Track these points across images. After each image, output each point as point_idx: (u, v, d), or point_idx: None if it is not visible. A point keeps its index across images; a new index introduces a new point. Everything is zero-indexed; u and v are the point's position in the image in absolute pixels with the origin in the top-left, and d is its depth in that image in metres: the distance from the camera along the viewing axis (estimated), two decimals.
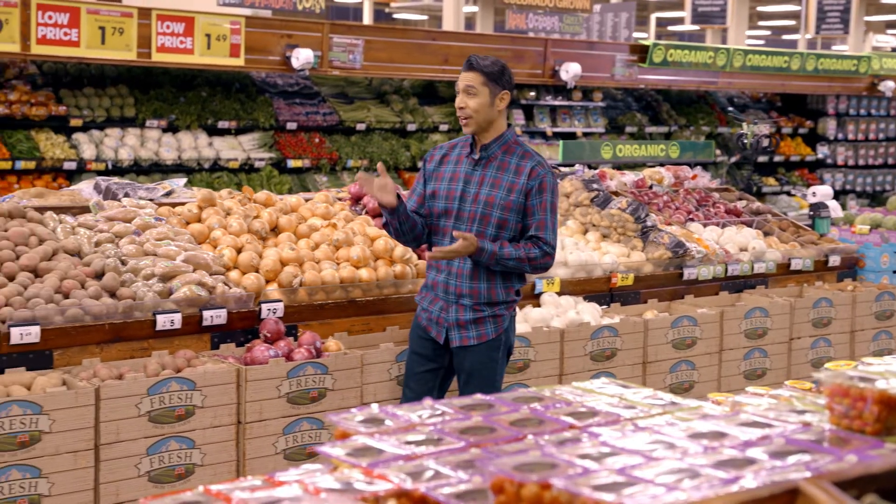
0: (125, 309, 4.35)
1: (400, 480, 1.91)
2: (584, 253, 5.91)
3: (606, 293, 5.94)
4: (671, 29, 31.63)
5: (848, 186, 13.81)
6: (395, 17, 29.49)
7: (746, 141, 9.54)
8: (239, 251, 4.93)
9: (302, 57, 9.16)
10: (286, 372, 4.43)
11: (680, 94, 13.07)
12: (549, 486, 1.79)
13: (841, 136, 13.79)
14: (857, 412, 2.04)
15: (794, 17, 28.09)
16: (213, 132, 9.76)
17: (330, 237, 5.19)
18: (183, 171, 9.31)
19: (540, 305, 5.58)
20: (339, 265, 5.07)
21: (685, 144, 7.70)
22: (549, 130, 11.75)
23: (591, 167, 7.88)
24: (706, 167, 10.98)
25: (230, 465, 4.32)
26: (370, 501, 1.90)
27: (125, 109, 9.26)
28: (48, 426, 3.81)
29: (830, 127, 13.71)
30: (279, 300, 4.76)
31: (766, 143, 10.14)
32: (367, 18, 24.72)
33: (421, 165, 4.47)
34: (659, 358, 5.73)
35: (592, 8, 12.68)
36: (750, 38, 28.97)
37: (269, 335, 4.62)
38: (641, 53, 11.51)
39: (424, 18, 30.27)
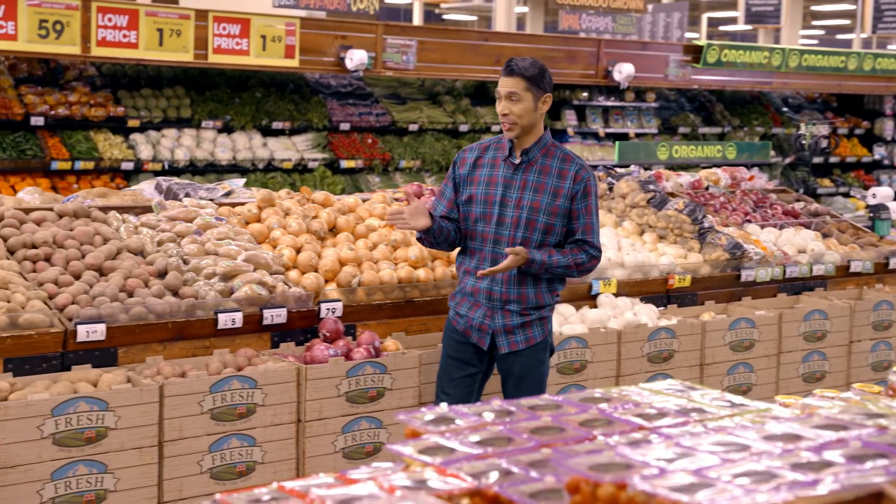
0: (187, 308, 4.40)
1: (473, 479, 1.92)
2: (640, 254, 5.88)
3: (663, 294, 5.91)
4: (723, 29, 31.35)
5: None
6: (444, 17, 29.53)
7: (804, 142, 9.43)
8: (298, 251, 4.97)
9: (356, 58, 9.21)
10: (345, 371, 4.46)
11: (734, 94, 12.95)
12: (625, 486, 1.79)
13: None
14: None
15: (848, 16, 27.72)
16: (267, 133, 9.84)
17: (388, 237, 5.21)
18: (237, 171, 9.40)
19: (597, 306, 5.56)
20: (396, 265, 5.10)
21: (742, 145, 7.63)
22: (601, 131, 11.71)
23: (645, 168, 7.84)
24: (761, 168, 10.87)
25: (290, 463, 4.36)
26: (444, 499, 1.90)
27: (181, 110, 9.37)
28: (114, 423, 3.87)
29: (888, 128, 13.51)
30: (338, 300, 4.79)
31: (824, 143, 10.02)
32: (416, 19, 24.77)
33: (450, 169, 4.39)
34: (716, 360, 5.69)
35: (646, 8, 12.61)
36: (803, 37, 28.64)
37: (328, 334, 4.65)
38: (695, 53, 11.42)
39: (474, 19, 30.27)
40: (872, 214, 7.46)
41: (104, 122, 8.91)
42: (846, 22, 29.68)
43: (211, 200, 5.37)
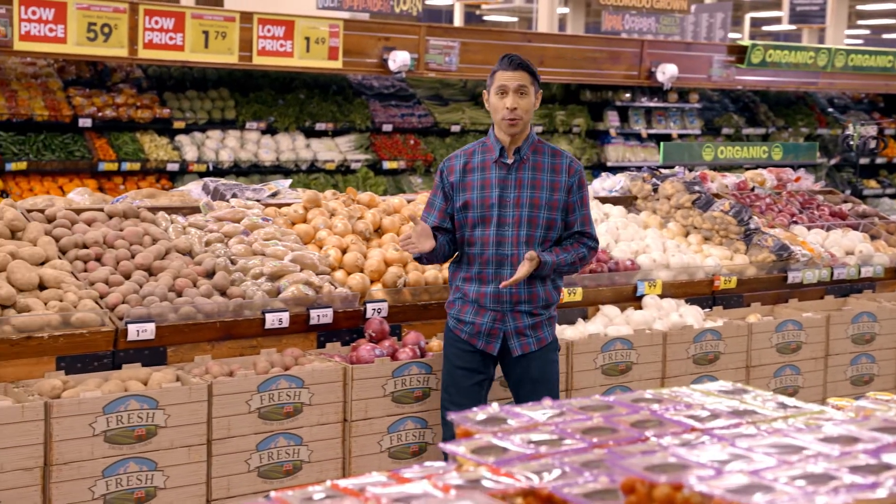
0: (235, 307, 4.44)
1: (526, 479, 1.92)
2: (686, 255, 5.85)
3: (709, 296, 5.87)
4: (766, 29, 31.08)
5: None
6: (485, 19, 29.53)
7: (852, 142, 9.33)
8: (344, 251, 4.99)
9: (399, 59, 9.25)
10: (391, 371, 4.47)
11: (778, 95, 12.84)
12: (681, 486, 1.79)
13: None
14: None
15: (893, 15, 27.37)
16: (310, 134, 9.91)
17: None
18: (281, 172, 9.47)
19: (642, 308, 5.54)
20: (441, 266, 5.10)
21: (788, 146, 7.57)
22: (644, 132, 11.66)
23: (689, 169, 7.79)
24: (806, 169, 10.76)
25: (336, 462, 4.38)
26: (499, 498, 1.91)
27: (226, 112, 9.46)
28: (164, 421, 3.91)
29: None
30: (384, 300, 4.81)
31: (872, 144, 9.90)
32: (457, 20, 24.79)
33: (437, 178, 4.33)
34: (763, 362, 5.65)
35: (689, 8, 12.53)
36: (848, 37, 28.33)
37: (373, 335, 4.67)
38: (739, 54, 11.34)
39: (514, 20, 30.24)
40: None
41: (150, 123, 9.02)
42: (892, 21, 29.30)
43: (257, 201, 5.41)
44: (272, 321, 4.50)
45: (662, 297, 5.63)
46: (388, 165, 10.01)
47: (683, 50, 11.37)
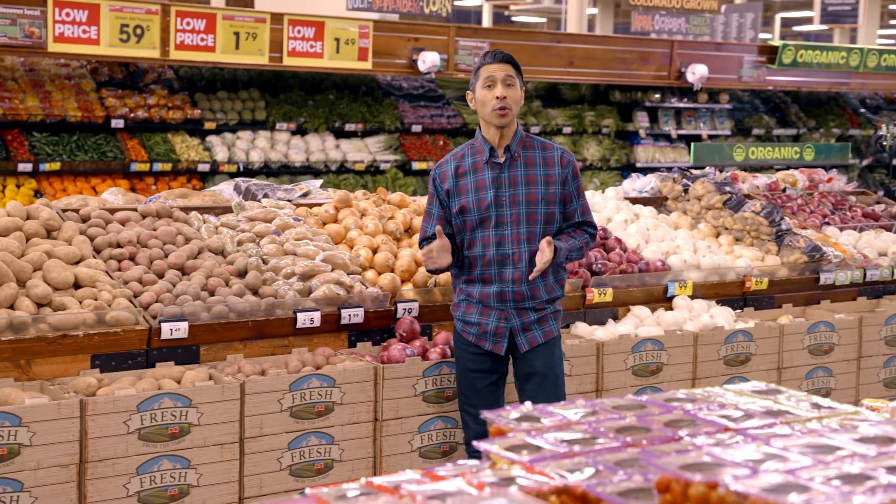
0: (267, 307, 4.46)
1: (561, 477, 1.93)
2: (717, 256, 5.82)
3: (740, 297, 5.84)
4: (796, 29, 30.87)
5: None
6: (513, 19, 29.52)
7: (885, 143, 9.26)
8: (375, 251, 5.01)
9: (428, 60, 9.27)
10: (422, 371, 4.48)
11: (809, 95, 12.76)
12: (716, 485, 1.79)
13: None
14: None
15: None
16: (340, 134, 9.95)
17: None
18: (311, 172, 9.52)
19: (672, 309, 5.52)
20: None
21: (820, 147, 7.52)
22: (673, 133, 11.62)
23: (719, 170, 7.76)
24: (838, 170, 10.69)
25: (367, 461, 4.40)
26: (533, 496, 1.91)
27: (256, 112, 9.51)
28: (197, 419, 3.94)
29: None
30: (414, 300, 4.82)
31: None
32: (486, 21, 24.80)
33: (431, 187, 4.30)
34: (794, 364, 5.62)
35: (720, 9, 12.48)
36: (880, 37, 28.09)
37: (404, 334, 4.68)
38: (770, 54, 11.28)
39: (543, 21, 30.21)
40: None
41: (181, 124, 9.09)
42: None
43: (289, 201, 5.44)
44: (304, 321, 4.52)
45: (693, 298, 5.61)
46: (417, 166, 10.03)
47: (714, 50, 11.32)
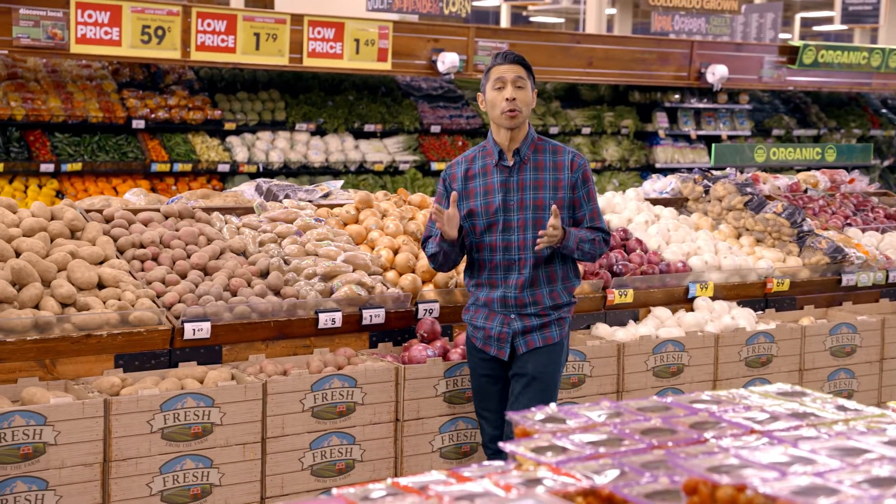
0: (289, 307, 4.48)
1: (587, 479, 1.93)
2: (738, 257, 5.81)
3: (761, 299, 5.82)
4: (816, 29, 30.73)
5: None
6: (531, 20, 29.49)
7: None
8: (396, 252, 5.02)
9: (448, 61, 9.27)
10: (443, 371, 4.49)
11: (830, 95, 12.70)
12: (744, 488, 1.78)
13: None
14: None
15: None
16: (359, 135, 9.96)
17: None
18: (330, 173, 9.54)
19: (693, 310, 5.51)
20: None
21: (842, 147, 7.48)
22: (693, 133, 11.59)
23: (739, 171, 7.74)
24: (860, 171, 10.64)
25: (388, 461, 4.40)
26: (560, 497, 1.91)
27: (276, 113, 9.53)
28: (219, 419, 3.96)
29: None
30: (435, 300, 4.83)
31: None
32: (504, 22, 24.78)
33: (440, 187, 4.26)
34: (816, 365, 5.59)
35: (740, 9, 12.44)
36: None
37: (425, 335, 4.69)
38: (791, 54, 11.24)
39: (561, 21, 30.17)
40: None
41: (201, 124, 9.12)
42: None
43: (310, 202, 5.45)
44: (325, 321, 4.53)
45: (714, 299, 5.59)
46: (436, 167, 10.04)
47: (734, 51, 11.28)
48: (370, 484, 1.99)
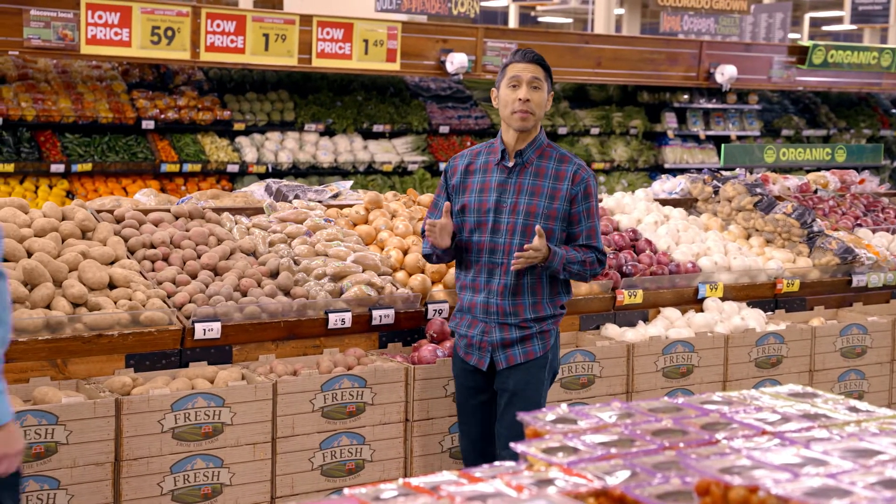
0: (299, 307, 4.48)
1: (598, 479, 1.93)
2: (747, 258, 5.80)
3: (771, 299, 5.81)
4: (825, 29, 30.67)
5: None
6: (539, 20, 29.48)
7: None
8: (405, 252, 5.03)
9: (456, 61, 9.28)
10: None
11: (840, 96, 12.67)
12: (756, 489, 1.78)
13: None
14: None
15: None
16: (368, 135, 9.97)
17: None
18: (339, 173, 9.55)
19: (702, 311, 5.50)
20: None
21: (852, 148, 7.47)
22: (702, 134, 11.57)
23: (749, 171, 7.73)
24: (870, 171, 10.62)
25: (398, 462, 4.41)
26: (572, 498, 1.91)
27: (285, 114, 9.55)
28: (230, 418, 3.97)
29: None
30: (445, 301, 4.83)
31: None
32: (512, 22, 24.77)
33: (441, 179, 4.16)
34: (826, 366, 5.58)
35: (749, 9, 12.42)
36: None
37: (435, 335, 4.69)
38: (800, 55, 11.22)
39: (569, 21, 30.16)
40: None
41: (211, 125, 9.14)
42: None
43: (319, 202, 5.46)
44: (335, 321, 4.54)
45: (724, 299, 5.59)
46: (444, 167, 10.03)
47: (743, 51, 11.27)
48: (381, 484, 2.00)
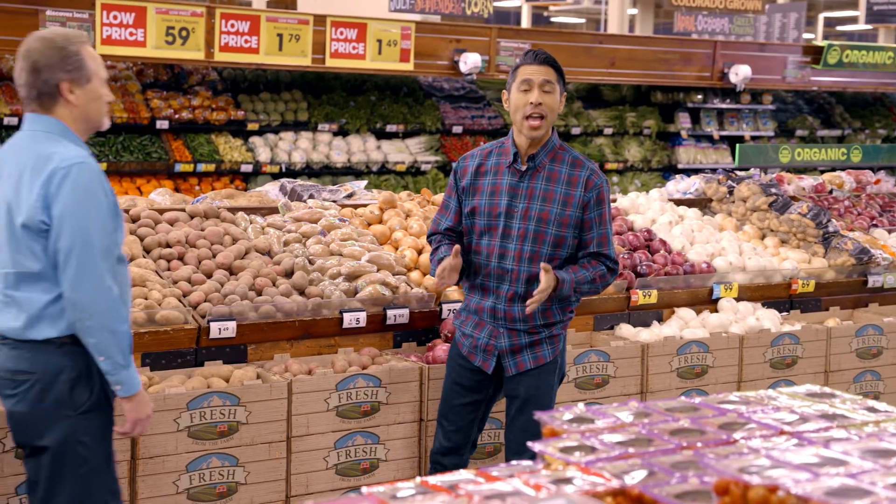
0: (314, 307, 4.49)
1: (616, 479, 1.92)
2: (762, 258, 5.78)
3: (786, 300, 5.80)
4: (840, 29, 30.56)
5: None
6: (552, 20, 29.45)
7: None
8: (419, 252, 5.03)
9: (470, 61, 9.27)
10: None
11: (854, 95, 12.63)
12: (776, 488, 1.78)
13: None
14: None
15: None
16: (381, 135, 9.98)
17: None
18: (352, 173, 9.55)
19: (717, 311, 5.48)
20: None
21: (867, 148, 7.44)
22: (715, 134, 11.54)
23: (764, 171, 7.71)
24: (886, 172, 10.57)
25: (412, 461, 4.41)
26: (590, 497, 1.91)
27: (298, 114, 9.56)
28: (245, 417, 3.98)
29: None
30: (459, 301, 4.82)
31: None
32: (524, 22, 24.76)
33: (451, 179, 4.07)
34: (842, 367, 5.56)
35: (764, 9, 12.39)
36: None
37: (449, 335, 4.69)
38: (815, 54, 11.18)
39: (582, 21, 30.13)
40: None
41: (225, 125, 9.15)
42: None
43: (334, 202, 5.47)
44: (349, 321, 4.54)
45: (739, 300, 5.57)
46: None
47: (757, 51, 11.23)
48: (399, 482, 2.00)
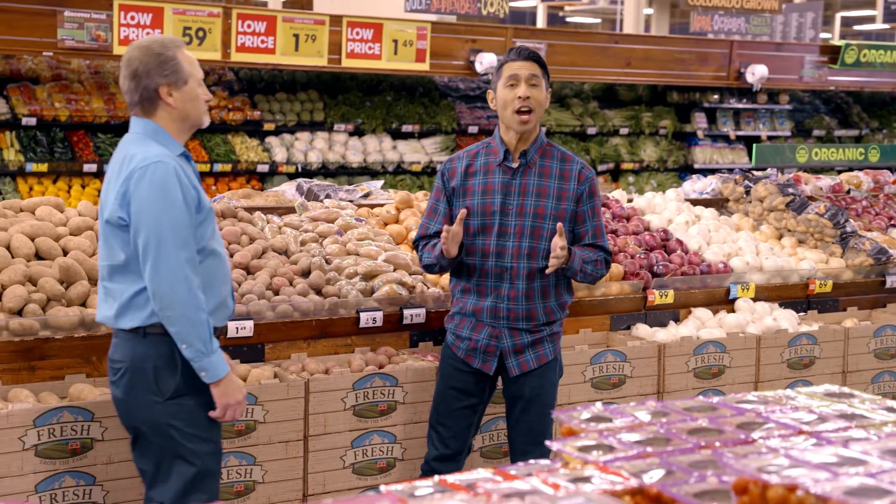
0: (331, 306, 4.50)
1: (635, 478, 1.92)
2: (780, 258, 5.76)
3: (803, 300, 5.78)
4: (857, 28, 30.44)
5: None
6: (567, 20, 29.43)
7: None
8: None
9: (485, 61, 9.27)
10: None
11: (872, 95, 12.57)
12: (795, 488, 1.78)
13: None
14: None
15: None
16: (397, 136, 9.99)
17: None
18: (368, 173, 9.57)
19: (734, 311, 5.47)
20: None
21: (885, 148, 7.41)
22: (732, 134, 11.51)
23: (780, 171, 7.68)
24: None
25: None
26: (609, 496, 1.91)
27: (314, 114, 9.58)
28: (262, 416, 3.99)
29: None
30: None
31: None
32: (540, 22, 24.74)
33: (438, 182, 4.05)
34: (860, 368, 5.54)
35: (780, 8, 12.35)
36: None
37: None
38: (832, 54, 11.14)
39: (598, 21, 30.09)
40: None
41: (241, 125, 9.18)
42: None
43: (350, 202, 5.48)
44: (366, 320, 4.55)
45: (756, 300, 5.56)
46: None
47: (774, 50, 11.20)
48: (417, 481, 2.00)
